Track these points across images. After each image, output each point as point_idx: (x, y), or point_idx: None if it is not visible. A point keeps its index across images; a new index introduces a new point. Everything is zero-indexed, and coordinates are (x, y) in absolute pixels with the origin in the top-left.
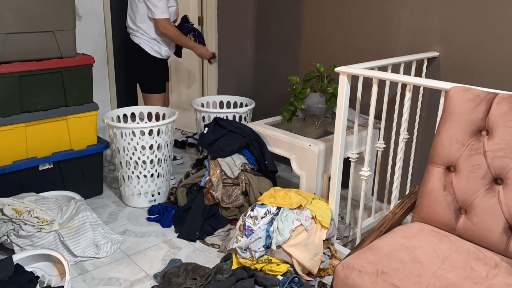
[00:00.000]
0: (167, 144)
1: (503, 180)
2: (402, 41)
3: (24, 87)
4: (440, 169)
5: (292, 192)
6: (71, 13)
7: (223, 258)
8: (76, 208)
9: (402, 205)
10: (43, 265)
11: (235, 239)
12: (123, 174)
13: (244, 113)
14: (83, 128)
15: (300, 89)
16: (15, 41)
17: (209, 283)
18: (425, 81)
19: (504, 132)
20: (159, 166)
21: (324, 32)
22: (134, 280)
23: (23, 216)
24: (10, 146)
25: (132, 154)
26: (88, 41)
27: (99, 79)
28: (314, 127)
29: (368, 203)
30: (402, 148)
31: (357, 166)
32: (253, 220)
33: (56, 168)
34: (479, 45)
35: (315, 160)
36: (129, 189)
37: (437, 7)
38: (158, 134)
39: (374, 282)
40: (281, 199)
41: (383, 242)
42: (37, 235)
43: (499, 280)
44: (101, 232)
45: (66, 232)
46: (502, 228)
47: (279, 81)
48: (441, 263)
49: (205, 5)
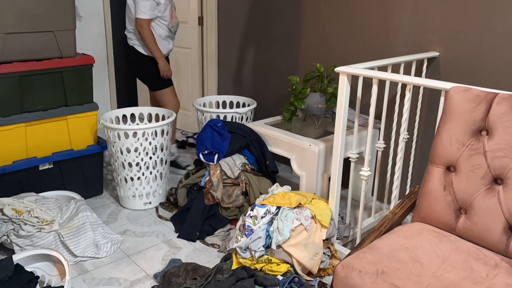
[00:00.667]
0: (163, 147)
1: (503, 180)
2: (402, 41)
3: (24, 87)
4: (440, 169)
5: (292, 192)
6: (71, 13)
7: (223, 258)
8: (76, 208)
9: (402, 205)
10: (43, 265)
11: (235, 239)
12: (119, 175)
13: (245, 113)
14: (83, 128)
15: (300, 89)
16: (15, 41)
17: (209, 283)
18: (425, 81)
19: (504, 132)
20: (154, 169)
21: (324, 32)
22: (134, 280)
23: (23, 216)
24: (10, 146)
25: (126, 156)
26: (88, 41)
27: (99, 79)
28: (314, 127)
29: (368, 203)
30: (402, 148)
31: (357, 166)
32: (253, 220)
33: (56, 168)
34: (479, 45)
35: (315, 160)
36: (123, 191)
37: (437, 7)
38: (155, 136)
39: (374, 282)
40: (280, 199)
41: (383, 242)
42: (37, 235)
43: (499, 280)
44: (101, 232)
45: (66, 232)
46: (502, 228)
47: (279, 81)
48: (441, 263)
49: (205, 5)
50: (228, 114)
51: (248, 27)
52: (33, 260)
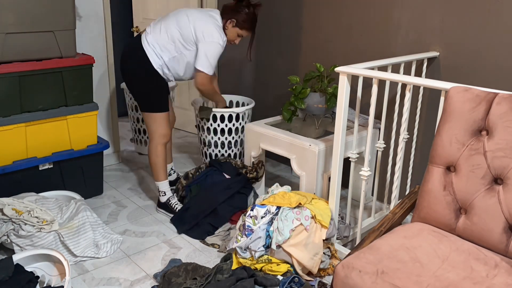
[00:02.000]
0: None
1: (503, 180)
2: (402, 41)
3: (24, 87)
4: (440, 169)
5: (292, 192)
6: (71, 13)
7: (223, 258)
8: (76, 208)
9: (402, 205)
10: (43, 265)
11: (235, 239)
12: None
13: (243, 112)
14: (83, 128)
15: (300, 89)
16: (15, 41)
17: (209, 283)
18: (425, 81)
19: (504, 132)
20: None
21: (324, 32)
22: (134, 280)
23: (23, 216)
24: (10, 146)
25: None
26: (88, 41)
27: (99, 79)
28: (314, 127)
29: (368, 203)
30: (402, 148)
31: (357, 166)
32: (253, 219)
33: (56, 168)
34: (479, 45)
35: (315, 160)
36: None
37: (437, 7)
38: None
39: (374, 282)
40: (280, 199)
41: (383, 242)
42: (37, 235)
43: (499, 280)
44: (101, 232)
45: (66, 232)
46: (502, 228)
47: (279, 81)
48: (441, 263)
49: (205, 5)
50: (226, 114)
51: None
52: (33, 260)
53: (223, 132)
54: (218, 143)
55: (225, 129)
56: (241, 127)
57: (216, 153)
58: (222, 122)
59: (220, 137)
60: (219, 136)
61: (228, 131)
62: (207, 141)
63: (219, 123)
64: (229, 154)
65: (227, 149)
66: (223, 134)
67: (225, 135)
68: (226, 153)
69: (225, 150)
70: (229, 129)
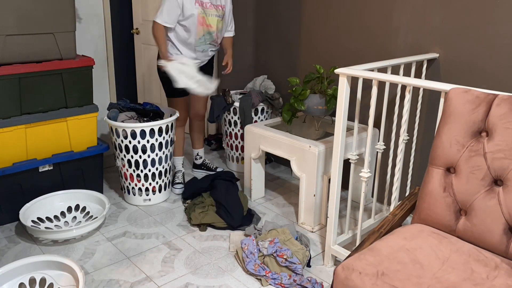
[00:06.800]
0: (165, 143)
1: (503, 182)
2: (402, 42)
3: (24, 89)
4: (440, 170)
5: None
6: (71, 15)
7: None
8: None
9: (402, 207)
10: (53, 273)
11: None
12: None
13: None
14: (83, 130)
15: (300, 90)
16: (15, 43)
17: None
18: (424, 82)
19: (504, 134)
20: (153, 167)
21: (324, 34)
22: (134, 282)
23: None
24: (10, 147)
25: (126, 153)
26: (88, 43)
27: (99, 81)
28: (314, 129)
29: (368, 204)
30: (402, 149)
31: (357, 168)
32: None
33: (56, 169)
34: (479, 46)
35: (315, 161)
36: (125, 185)
37: (437, 8)
38: (155, 135)
39: (374, 284)
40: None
41: (383, 244)
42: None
43: (500, 282)
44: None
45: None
46: (502, 230)
47: (279, 83)
48: (441, 264)
49: None
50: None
51: (248, 28)
52: (46, 267)
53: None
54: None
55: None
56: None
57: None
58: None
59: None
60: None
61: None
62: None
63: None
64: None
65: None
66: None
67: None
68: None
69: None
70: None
